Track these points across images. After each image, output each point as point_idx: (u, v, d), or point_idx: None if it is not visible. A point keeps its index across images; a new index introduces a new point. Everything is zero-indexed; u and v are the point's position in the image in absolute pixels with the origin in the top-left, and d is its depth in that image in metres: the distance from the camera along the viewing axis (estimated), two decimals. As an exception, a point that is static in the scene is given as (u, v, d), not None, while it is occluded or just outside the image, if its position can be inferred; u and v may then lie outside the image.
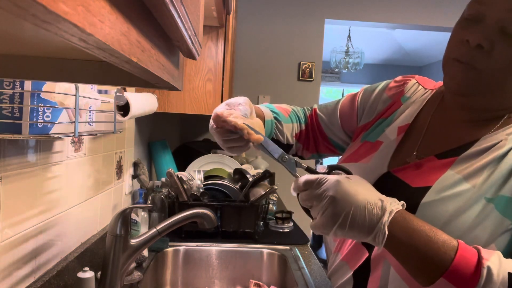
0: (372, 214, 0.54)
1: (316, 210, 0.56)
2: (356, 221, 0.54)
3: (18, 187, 0.75)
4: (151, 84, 0.41)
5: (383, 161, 0.74)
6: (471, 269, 0.51)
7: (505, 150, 0.62)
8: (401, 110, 0.80)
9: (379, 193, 0.57)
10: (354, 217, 0.54)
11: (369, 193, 0.56)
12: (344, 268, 0.74)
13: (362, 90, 0.90)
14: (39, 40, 0.32)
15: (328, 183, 0.56)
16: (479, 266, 0.51)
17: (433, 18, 2.90)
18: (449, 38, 0.67)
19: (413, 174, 0.68)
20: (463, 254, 0.52)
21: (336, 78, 5.96)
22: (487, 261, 0.51)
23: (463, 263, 0.51)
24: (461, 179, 0.62)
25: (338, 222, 0.54)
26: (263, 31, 2.83)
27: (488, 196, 0.59)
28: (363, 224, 0.54)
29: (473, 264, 0.51)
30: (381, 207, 0.54)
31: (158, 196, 1.52)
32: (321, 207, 0.55)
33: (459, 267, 0.51)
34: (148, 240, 0.94)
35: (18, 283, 0.77)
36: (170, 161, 2.00)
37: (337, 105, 0.92)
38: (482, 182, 0.60)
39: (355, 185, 0.56)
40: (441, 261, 0.52)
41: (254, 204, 1.50)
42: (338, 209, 0.54)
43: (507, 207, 0.58)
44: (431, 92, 0.79)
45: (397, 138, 0.76)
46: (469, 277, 0.50)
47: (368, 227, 0.54)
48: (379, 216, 0.54)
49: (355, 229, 0.54)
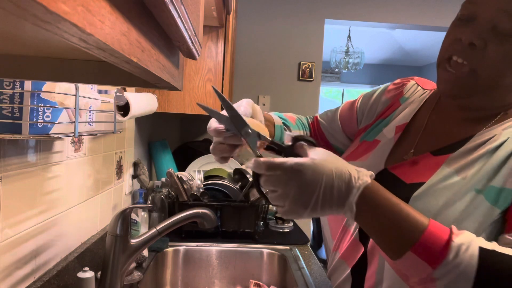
0: (340, 191, 0.52)
1: (282, 196, 0.53)
2: (325, 202, 0.52)
3: (18, 187, 0.75)
4: (151, 84, 0.41)
5: (381, 159, 0.75)
6: (441, 244, 0.50)
7: (498, 143, 0.62)
8: (399, 110, 0.81)
9: (347, 164, 0.54)
10: (323, 199, 0.52)
11: (335, 169, 0.52)
12: (343, 267, 0.75)
13: (361, 96, 0.92)
14: (39, 40, 0.32)
15: (292, 169, 0.52)
16: (449, 241, 0.50)
17: (433, 18, 2.90)
18: (444, 38, 0.68)
19: (409, 170, 0.69)
20: (432, 230, 0.51)
21: (336, 78, 5.96)
22: (457, 237, 0.50)
23: (432, 237, 0.50)
24: (453, 172, 0.63)
25: (309, 207, 0.52)
26: (263, 31, 2.82)
27: (478, 187, 0.60)
28: (333, 204, 0.52)
29: (443, 239, 0.50)
30: (349, 183, 0.52)
31: (158, 196, 1.52)
32: (288, 194, 0.52)
33: (427, 241, 0.50)
34: (148, 240, 0.95)
35: (18, 283, 0.77)
36: (170, 161, 2.00)
37: (337, 110, 0.95)
38: (473, 174, 0.61)
39: (320, 165, 0.52)
40: (410, 235, 0.51)
41: (254, 204, 1.50)
42: (306, 195, 0.52)
43: (497, 197, 0.58)
44: (430, 92, 0.80)
45: (395, 137, 0.77)
46: (438, 251, 0.49)
47: (338, 206, 0.52)
48: (347, 194, 0.52)
49: (326, 210, 0.53)
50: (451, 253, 0.49)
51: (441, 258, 0.49)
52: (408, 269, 0.52)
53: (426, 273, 0.50)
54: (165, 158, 1.99)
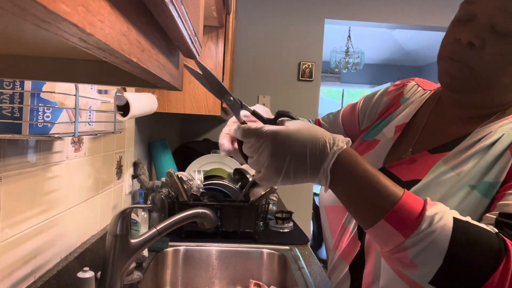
0: (314, 157, 0.51)
1: (258, 162, 0.53)
2: (299, 168, 0.51)
3: (18, 187, 0.75)
4: (151, 84, 0.41)
5: (379, 158, 0.75)
6: (415, 214, 0.49)
7: (493, 139, 0.63)
8: (399, 110, 0.82)
9: (323, 131, 0.53)
10: (296, 165, 0.51)
11: (309, 135, 0.52)
12: (342, 265, 0.75)
13: (362, 98, 0.93)
14: (39, 40, 0.32)
15: (266, 134, 0.52)
16: (423, 212, 0.49)
17: (433, 18, 2.90)
18: (443, 38, 0.69)
19: (406, 168, 0.70)
20: (406, 200, 0.50)
21: (336, 78, 5.96)
22: (431, 207, 0.50)
23: (405, 207, 0.50)
24: (448, 169, 0.63)
25: (282, 174, 0.52)
26: (263, 31, 2.82)
27: (472, 183, 0.60)
28: (306, 170, 0.52)
29: (417, 210, 0.49)
30: (323, 149, 0.51)
31: (158, 196, 1.52)
32: (262, 161, 0.52)
33: (401, 210, 0.49)
34: (148, 240, 0.95)
35: (18, 283, 0.77)
36: (170, 161, 2.00)
37: (339, 113, 0.96)
38: (467, 170, 0.61)
39: (294, 133, 0.52)
40: (384, 204, 0.50)
41: (254, 204, 1.50)
42: (279, 161, 0.51)
43: (489, 191, 0.59)
44: (430, 93, 0.81)
45: (394, 136, 0.77)
46: (411, 221, 0.49)
47: (312, 172, 0.52)
48: (322, 160, 0.51)
49: (299, 177, 0.52)
50: (424, 222, 0.48)
51: (414, 228, 0.49)
52: (380, 238, 0.52)
53: (397, 242, 0.49)
54: (165, 158, 1.99)
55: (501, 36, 0.60)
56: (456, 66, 0.64)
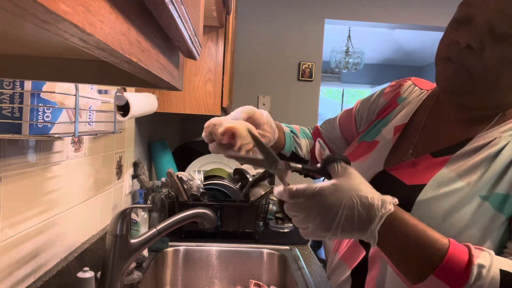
0: (362, 219, 0.52)
1: (305, 220, 0.54)
2: (347, 228, 0.53)
3: (18, 187, 0.75)
4: (151, 84, 0.41)
5: (379, 160, 0.75)
6: (462, 266, 0.51)
7: (499, 147, 0.62)
8: (397, 111, 0.81)
9: (372, 190, 0.55)
10: (344, 225, 0.53)
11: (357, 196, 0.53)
12: (342, 267, 0.75)
13: (358, 101, 0.94)
14: (39, 40, 0.32)
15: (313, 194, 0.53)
16: (469, 263, 0.51)
17: (433, 18, 2.90)
18: (441, 38, 0.68)
19: (409, 172, 0.69)
20: (453, 252, 0.52)
21: (336, 78, 5.96)
22: (478, 258, 0.51)
23: (453, 260, 0.51)
24: (455, 177, 0.63)
25: (331, 232, 0.53)
26: (263, 31, 2.82)
27: (483, 194, 0.60)
28: (354, 230, 0.53)
29: (464, 261, 0.51)
30: (370, 211, 0.53)
31: (158, 196, 1.52)
32: (310, 219, 0.54)
33: (449, 264, 0.51)
34: (148, 240, 0.94)
35: (18, 283, 0.77)
36: (170, 161, 2.00)
37: (336, 118, 0.97)
38: (476, 180, 0.61)
39: (341, 191, 0.53)
40: (432, 258, 0.52)
41: (254, 204, 1.50)
42: (327, 220, 0.53)
43: (502, 204, 0.58)
44: (427, 93, 0.80)
45: (393, 138, 0.77)
46: (460, 274, 0.50)
47: (359, 232, 0.53)
48: (370, 222, 0.53)
49: (347, 234, 0.54)
50: (472, 276, 0.50)
51: (463, 281, 0.50)
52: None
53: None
54: (165, 158, 1.99)
55: (500, 39, 0.60)
56: (454, 69, 0.64)
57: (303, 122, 2.88)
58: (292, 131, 0.90)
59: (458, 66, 0.63)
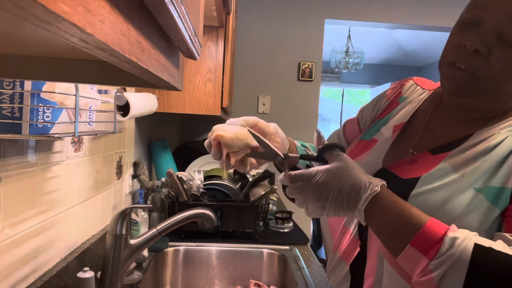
0: (350, 199, 0.58)
1: (304, 201, 0.61)
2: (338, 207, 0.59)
3: (18, 187, 0.75)
4: (151, 84, 0.41)
5: (378, 158, 0.75)
6: (437, 237, 0.53)
7: (496, 142, 0.62)
8: (397, 110, 0.82)
9: (361, 173, 0.60)
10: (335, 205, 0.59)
11: (349, 177, 0.59)
12: (342, 266, 0.75)
13: (361, 108, 0.95)
14: (39, 40, 0.32)
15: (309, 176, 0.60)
16: (444, 234, 0.53)
17: (433, 18, 2.90)
18: (447, 40, 0.68)
19: (407, 168, 0.69)
20: (430, 225, 0.54)
21: (336, 78, 5.96)
22: (453, 232, 0.53)
23: (429, 231, 0.54)
24: (450, 169, 0.63)
25: (326, 210, 0.60)
26: (263, 31, 2.82)
27: (477, 186, 0.60)
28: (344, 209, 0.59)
29: (440, 233, 0.53)
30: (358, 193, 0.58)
31: (158, 196, 1.52)
32: (307, 200, 0.61)
33: (425, 235, 0.54)
34: (148, 240, 0.95)
35: (18, 283, 0.77)
36: (170, 161, 2.00)
37: (340, 128, 0.99)
38: (471, 172, 0.61)
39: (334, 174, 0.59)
40: (411, 230, 0.55)
41: (254, 204, 1.50)
42: (322, 200, 0.60)
43: (496, 197, 0.59)
44: (429, 92, 0.80)
45: (392, 136, 0.77)
46: (433, 244, 0.53)
47: (349, 211, 0.59)
48: (356, 201, 0.58)
49: (340, 213, 0.60)
50: (444, 245, 0.52)
51: (435, 249, 0.52)
52: (408, 264, 0.55)
53: (423, 264, 0.53)
54: (165, 158, 1.99)
55: (508, 45, 0.59)
56: (460, 73, 0.63)
57: (303, 122, 2.88)
58: (303, 144, 0.93)
59: (465, 70, 0.63)
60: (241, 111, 2.81)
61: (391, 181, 0.68)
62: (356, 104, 7.08)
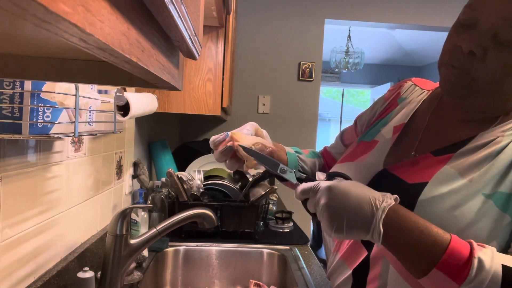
0: (366, 214, 0.55)
1: (318, 216, 0.60)
2: (351, 223, 0.56)
3: (18, 187, 0.75)
4: (151, 84, 0.41)
5: (379, 159, 0.75)
6: (463, 259, 0.52)
7: (501, 146, 0.62)
8: (397, 110, 0.82)
9: (372, 190, 0.58)
10: (348, 220, 0.56)
11: (361, 193, 0.57)
12: (343, 267, 0.75)
13: (359, 115, 0.96)
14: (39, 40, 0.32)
15: (321, 190, 0.59)
16: (471, 256, 0.52)
17: (433, 18, 2.90)
18: (445, 41, 0.68)
19: (409, 170, 0.69)
20: (454, 246, 0.53)
21: (336, 78, 5.96)
22: (479, 252, 0.52)
23: (455, 254, 0.52)
24: (457, 174, 0.63)
25: (334, 227, 0.57)
26: (263, 31, 2.82)
27: (486, 192, 0.60)
28: (359, 225, 0.56)
29: (465, 255, 0.52)
30: (374, 205, 0.56)
31: (158, 196, 1.52)
32: (319, 214, 0.59)
33: (451, 257, 0.52)
34: (148, 240, 0.94)
35: (18, 283, 0.77)
36: (170, 161, 2.00)
37: (339, 135, 1.01)
38: (478, 177, 0.61)
39: (346, 188, 0.57)
40: (435, 252, 0.53)
41: (254, 204, 1.50)
42: (332, 215, 0.56)
43: (506, 203, 0.58)
44: (428, 93, 0.80)
45: (393, 137, 0.77)
46: (461, 267, 0.51)
47: (364, 228, 0.56)
48: (373, 216, 0.55)
49: (353, 231, 0.56)
50: (473, 269, 0.51)
51: (464, 274, 0.51)
52: (433, 284, 0.54)
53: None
54: (165, 158, 1.99)
55: (503, 46, 0.59)
56: (456, 74, 0.63)
57: (303, 122, 2.88)
58: (297, 151, 0.94)
59: (461, 71, 0.63)
60: (241, 111, 2.81)
61: (396, 184, 0.68)
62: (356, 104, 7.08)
